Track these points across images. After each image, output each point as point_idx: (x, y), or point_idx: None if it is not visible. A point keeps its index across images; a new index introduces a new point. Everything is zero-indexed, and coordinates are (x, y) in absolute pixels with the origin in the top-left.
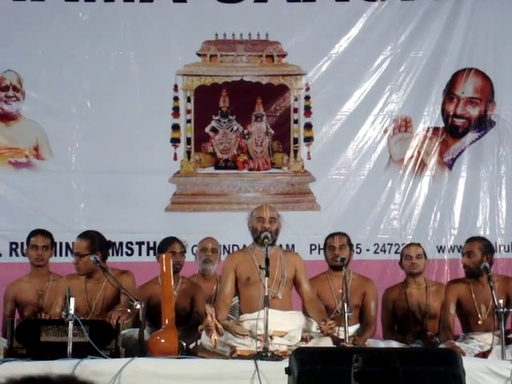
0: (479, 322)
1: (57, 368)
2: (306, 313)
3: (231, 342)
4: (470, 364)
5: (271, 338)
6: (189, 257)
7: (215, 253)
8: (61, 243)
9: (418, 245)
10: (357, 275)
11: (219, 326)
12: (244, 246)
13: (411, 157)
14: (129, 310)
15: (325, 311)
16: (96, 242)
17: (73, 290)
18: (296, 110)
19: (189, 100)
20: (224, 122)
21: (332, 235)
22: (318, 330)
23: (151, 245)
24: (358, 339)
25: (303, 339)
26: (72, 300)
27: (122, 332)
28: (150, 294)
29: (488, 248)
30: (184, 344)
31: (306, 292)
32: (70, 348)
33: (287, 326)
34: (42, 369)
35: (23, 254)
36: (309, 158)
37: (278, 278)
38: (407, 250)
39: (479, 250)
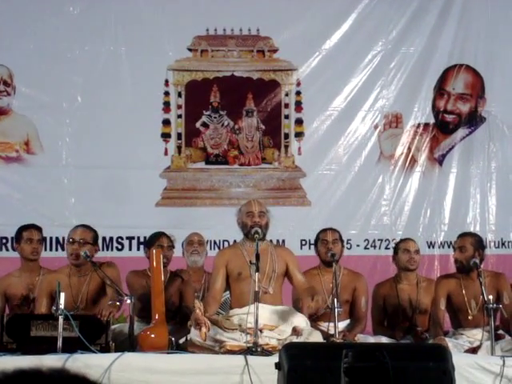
0: (469, 318)
1: (46, 362)
2: (296, 307)
3: (220, 337)
4: (459, 360)
5: (261, 331)
6: (178, 252)
7: (202, 245)
8: (51, 238)
9: (415, 241)
10: (347, 270)
11: (206, 320)
12: (234, 241)
13: (402, 153)
14: (117, 303)
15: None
16: (97, 236)
17: (55, 286)
18: (287, 106)
19: (180, 95)
20: (215, 117)
21: (324, 230)
22: (308, 325)
23: (141, 240)
24: (347, 335)
25: (293, 333)
26: (62, 295)
27: (112, 327)
28: (140, 283)
29: (479, 244)
30: (173, 339)
31: (301, 282)
32: (60, 343)
33: (277, 321)
34: (33, 362)
35: (13, 249)
36: (299, 154)
37: (269, 273)
38: (405, 245)
39: (471, 245)
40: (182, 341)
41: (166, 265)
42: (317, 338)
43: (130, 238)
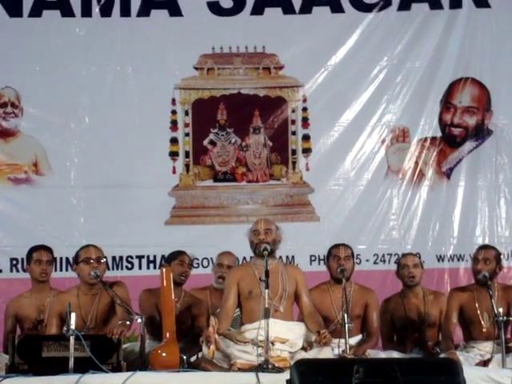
0: (483, 330)
1: (58, 383)
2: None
3: (232, 351)
4: (470, 373)
5: (273, 344)
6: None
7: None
8: (61, 258)
9: (415, 255)
10: (358, 286)
11: (217, 339)
12: (244, 258)
13: (409, 167)
14: (127, 322)
15: (323, 324)
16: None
17: (65, 306)
18: (294, 122)
19: (187, 113)
20: (222, 135)
21: (337, 245)
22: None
23: (151, 258)
24: (356, 350)
25: (304, 348)
26: (73, 315)
27: (124, 346)
28: (156, 302)
29: (499, 257)
30: (184, 357)
31: (306, 305)
32: (71, 363)
33: (288, 335)
34: (44, 383)
35: (24, 270)
36: (307, 170)
37: (280, 293)
38: (404, 260)
39: (494, 258)
40: (193, 359)
41: (183, 282)
42: (327, 353)
43: (140, 257)
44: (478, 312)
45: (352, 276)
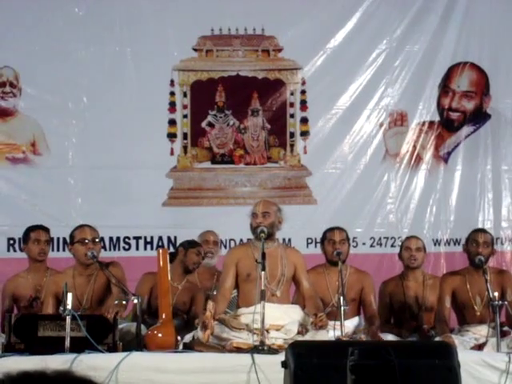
0: (477, 314)
1: (54, 363)
2: (303, 307)
3: (227, 336)
4: (465, 356)
5: (267, 331)
6: None
7: (216, 245)
8: (58, 238)
9: (419, 238)
10: (354, 269)
11: (213, 324)
12: (241, 240)
13: (407, 151)
14: (124, 302)
15: (322, 308)
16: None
17: (61, 287)
18: (292, 105)
19: (185, 95)
20: (220, 117)
21: (332, 229)
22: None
23: (148, 239)
24: (371, 329)
25: (299, 332)
26: (69, 295)
27: (120, 326)
28: (154, 284)
29: (493, 242)
30: (179, 338)
31: (306, 289)
32: (67, 343)
33: (284, 320)
34: (39, 364)
35: (21, 250)
36: (305, 153)
37: (279, 277)
38: (407, 242)
39: (491, 241)
40: (187, 339)
41: (193, 271)
42: (323, 336)
43: (137, 238)
44: (470, 295)
45: (348, 259)
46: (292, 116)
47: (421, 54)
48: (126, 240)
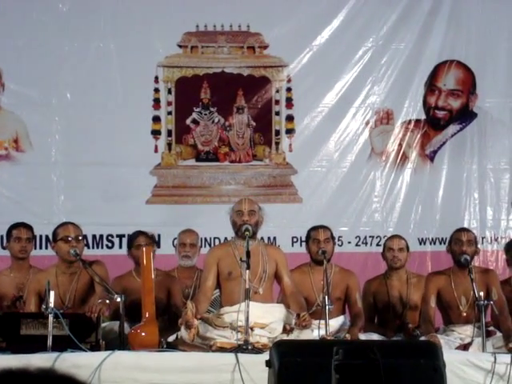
0: (463, 314)
1: (36, 361)
2: (286, 305)
3: (211, 335)
4: (450, 356)
5: (252, 329)
6: (170, 249)
7: (194, 247)
8: (40, 236)
9: (401, 238)
10: (339, 268)
11: (196, 323)
12: (225, 238)
13: (393, 149)
14: (107, 301)
15: (305, 305)
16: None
17: (44, 285)
18: (277, 102)
19: (170, 92)
20: (205, 114)
21: (316, 228)
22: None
23: None
24: (352, 330)
25: (285, 330)
26: (52, 293)
27: (103, 325)
28: (125, 287)
29: (476, 241)
30: (162, 340)
31: (287, 286)
32: (49, 341)
33: (268, 319)
34: (21, 362)
35: (3, 248)
36: (290, 151)
37: (260, 274)
38: (390, 242)
39: (474, 240)
40: (171, 339)
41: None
42: (308, 335)
43: (121, 236)
44: (456, 295)
45: (333, 258)
46: (277, 113)
47: (407, 52)
48: (110, 238)
